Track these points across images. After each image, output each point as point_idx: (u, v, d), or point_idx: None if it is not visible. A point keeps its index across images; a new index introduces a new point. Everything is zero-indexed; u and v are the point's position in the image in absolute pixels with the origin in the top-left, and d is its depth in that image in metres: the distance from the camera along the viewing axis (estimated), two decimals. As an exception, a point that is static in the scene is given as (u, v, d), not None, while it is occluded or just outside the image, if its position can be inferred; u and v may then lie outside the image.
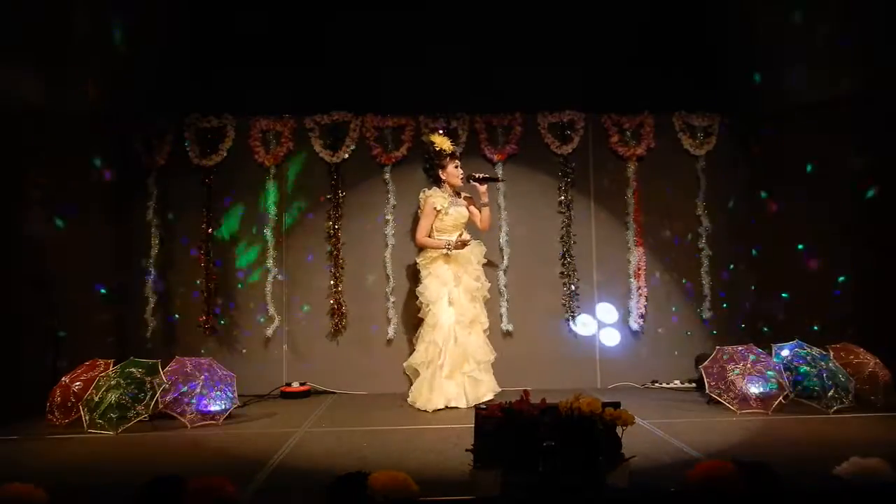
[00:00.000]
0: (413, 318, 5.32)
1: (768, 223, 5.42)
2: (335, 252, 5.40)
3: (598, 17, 5.18)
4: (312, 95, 5.38)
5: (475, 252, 4.75)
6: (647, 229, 5.51)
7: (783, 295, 5.31)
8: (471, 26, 5.17)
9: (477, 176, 4.77)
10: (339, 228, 5.42)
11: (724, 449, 3.24)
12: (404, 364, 4.84)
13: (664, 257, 5.54)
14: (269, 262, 5.37)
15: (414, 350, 4.83)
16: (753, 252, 5.52)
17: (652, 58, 5.27)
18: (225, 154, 5.41)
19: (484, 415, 2.71)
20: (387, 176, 5.45)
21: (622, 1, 5.16)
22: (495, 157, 5.43)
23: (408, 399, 4.64)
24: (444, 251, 4.61)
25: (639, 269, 5.46)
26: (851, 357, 4.43)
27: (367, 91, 5.36)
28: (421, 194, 4.85)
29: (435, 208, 4.66)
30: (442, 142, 4.76)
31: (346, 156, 5.43)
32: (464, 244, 4.61)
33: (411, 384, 4.74)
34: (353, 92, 5.37)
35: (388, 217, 5.42)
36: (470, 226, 4.87)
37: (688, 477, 2.62)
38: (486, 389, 4.55)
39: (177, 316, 5.38)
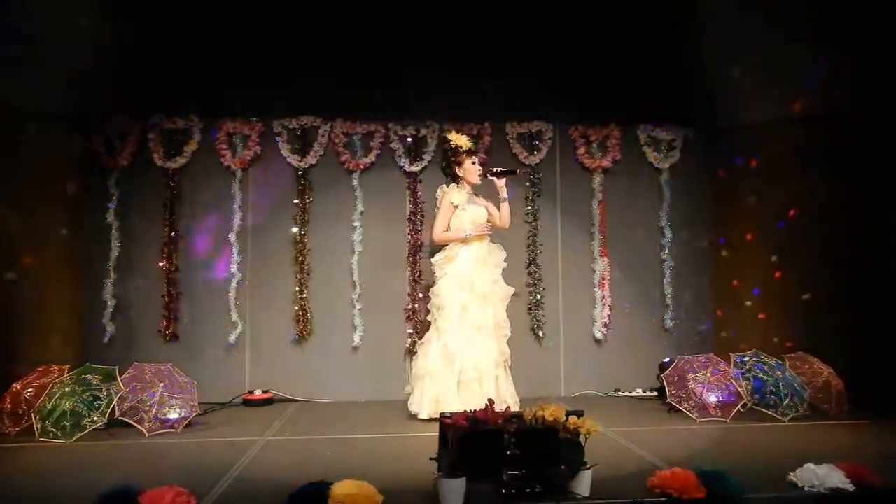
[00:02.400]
0: (380, 325, 5.33)
1: (729, 236, 5.55)
2: (301, 258, 5.35)
3: (568, 30, 5.27)
4: (281, 98, 5.33)
5: (493, 255, 4.55)
6: (611, 240, 5.60)
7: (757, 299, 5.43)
8: (442, 36, 5.19)
9: (494, 170, 4.62)
10: (305, 234, 5.37)
11: (685, 457, 3.29)
12: (412, 372, 4.57)
13: (628, 268, 5.63)
14: (234, 267, 5.29)
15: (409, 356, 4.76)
16: (721, 268, 5.64)
17: (619, 71, 5.36)
18: (190, 156, 5.33)
19: (448, 423, 2.71)
20: (355, 182, 5.43)
21: (592, 15, 5.24)
22: (464, 166, 5.45)
23: (411, 408, 4.40)
24: (465, 236, 4.43)
25: (603, 279, 5.54)
26: (806, 367, 4.57)
27: (336, 96, 5.33)
28: (439, 191, 4.69)
29: (452, 203, 4.51)
30: (458, 139, 4.61)
31: (315, 161, 5.40)
32: (484, 230, 4.47)
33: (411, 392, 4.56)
34: (322, 96, 5.34)
35: (356, 224, 5.39)
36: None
37: (648, 485, 2.67)
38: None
39: (136, 321, 5.25)
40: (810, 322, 5.03)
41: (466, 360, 4.30)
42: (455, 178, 4.61)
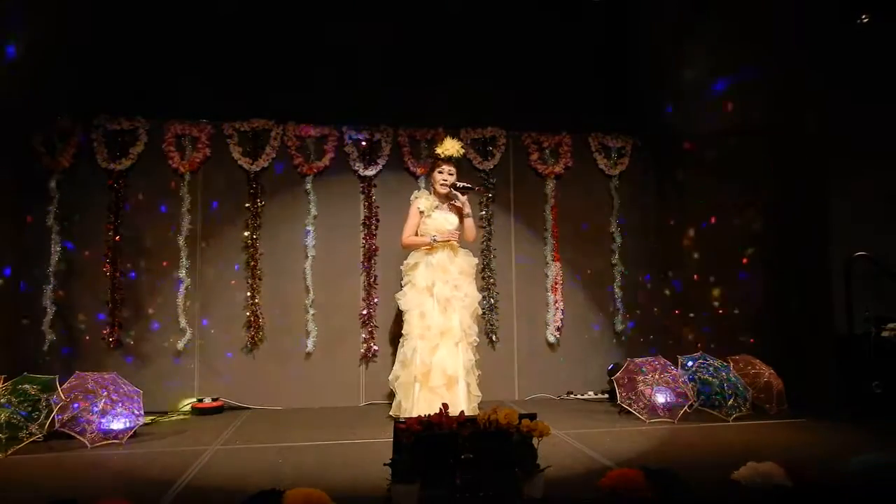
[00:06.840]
0: (334, 331, 5.30)
1: (675, 241, 5.72)
2: (253, 263, 5.26)
3: (523, 39, 5.36)
4: (232, 101, 5.25)
5: (457, 261, 4.53)
6: (563, 244, 5.69)
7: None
8: (397, 41, 5.21)
9: (458, 185, 4.62)
10: (257, 238, 5.28)
11: (634, 457, 3.37)
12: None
13: (580, 272, 5.74)
14: (182, 273, 5.16)
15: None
16: (668, 273, 5.80)
17: (572, 80, 5.48)
18: (136, 158, 5.18)
19: (402, 428, 2.70)
20: (308, 186, 5.37)
21: (546, 25, 5.35)
22: (418, 171, 5.47)
23: (391, 412, 4.51)
24: (430, 242, 4.44)
25: (556, 283, 5.63)
26: (749, 368, 4.73)
27: (289, 99, 5.28)
28: (412, 195, 4.74)
29: (419, 209, 4.55)
30: (446, 144, 4.57)
31: (266, 164, 5.32)
32: (450, 236, 4.47)
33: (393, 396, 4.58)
34: (275, 99, 5.28)
35: (309, 228, 5.33)
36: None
37: (599, 485, 2.72)
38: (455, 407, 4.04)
39: (79, 328, 5.06)
40: (753, 325, 5.21)
41: (434, 367, 4.30)
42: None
